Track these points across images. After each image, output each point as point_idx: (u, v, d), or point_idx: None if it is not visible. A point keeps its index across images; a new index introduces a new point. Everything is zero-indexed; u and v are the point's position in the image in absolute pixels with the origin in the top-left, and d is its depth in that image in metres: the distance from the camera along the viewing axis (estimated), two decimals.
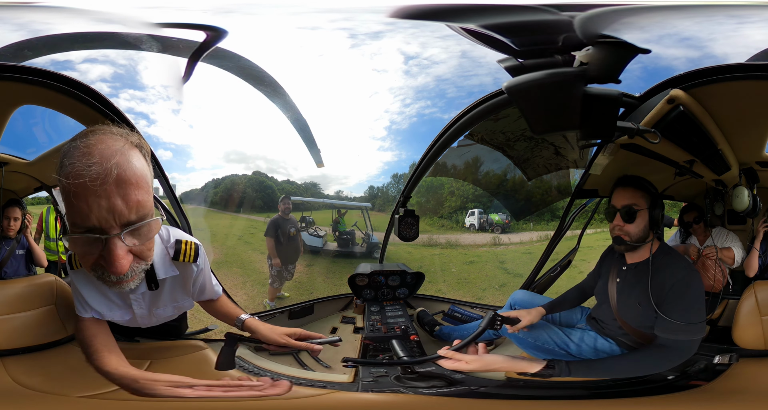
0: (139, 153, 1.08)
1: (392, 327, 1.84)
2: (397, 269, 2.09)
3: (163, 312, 1.40)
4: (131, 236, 1.05)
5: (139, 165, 1.05)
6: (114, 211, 1.01)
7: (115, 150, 1.02)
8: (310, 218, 2.23)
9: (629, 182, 1.46)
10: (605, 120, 1.25)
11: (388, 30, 1.50)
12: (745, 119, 1.35)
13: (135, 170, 1.03)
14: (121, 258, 1.04)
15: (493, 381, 1.44)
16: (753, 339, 1.48)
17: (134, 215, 1.03)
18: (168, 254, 1.32)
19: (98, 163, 0.99)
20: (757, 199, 1.56)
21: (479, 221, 2.19)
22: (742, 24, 1.40)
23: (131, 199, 1.02)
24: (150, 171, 1.11)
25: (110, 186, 1.00)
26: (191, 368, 1.49)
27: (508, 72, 1.30)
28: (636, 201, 1.43)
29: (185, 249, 1.32)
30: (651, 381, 1.41)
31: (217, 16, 1.51)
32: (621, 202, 1.44)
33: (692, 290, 1.36)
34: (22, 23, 1.43)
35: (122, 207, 1.01)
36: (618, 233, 1.45)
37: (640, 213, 1.42)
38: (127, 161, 1.03)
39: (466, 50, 1.47)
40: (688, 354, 1.36)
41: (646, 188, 1.45)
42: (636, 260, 1.47)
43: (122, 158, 1.02)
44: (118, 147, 1.04)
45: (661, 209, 1.45)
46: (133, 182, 1.02)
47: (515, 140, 1.77)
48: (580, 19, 1.29)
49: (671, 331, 1.35)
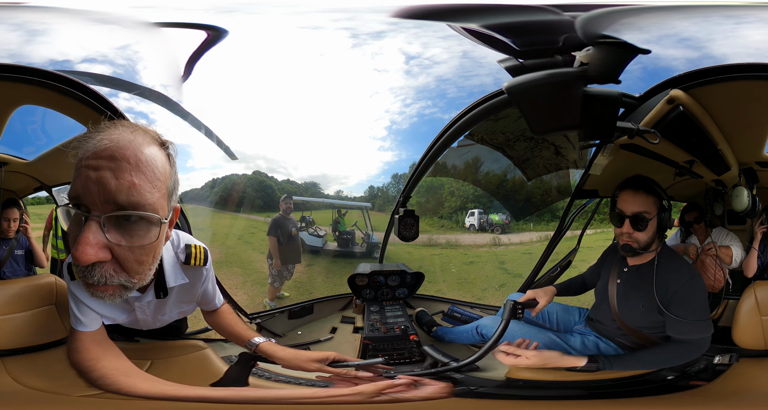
0: (157, 147, 1.01)
1: (392, 327, 1.84)
2: (397, 270, 2.08)
3: (168, 318, 1.37)
4: (115, 229, 0.93)
5: (148, 153, 0.97)
6: (100, 183, 0.91)
7: (122, 133, 0.97)
8: (310, 218, 2.23)
9: (640, 186, 1.39)
10: (605, 120, 1.25)
11: (391, 30, 1.50)
12: (744, 119, 1.35)
13: (139, 155, 0.95)
14: (87, 244, 0.90)
15: (492, 381, 1.44)
16: (753, 340, 1.48)
17: (124, 196, 0.91)
18: (179, 260, 1.26)
19: (101, 139, 0.94)
20: (757, 199, 1.56)
21: (479, 221, 2.19)
22: (738, 24, 1.40)
23: (124, 177, 0.92)
24: (168, 169, 1.03)
25: (104, 160, 0.91)
26: (192, 368, 1.48)
27: (508, 72, 1.30)
28: (647, 208, 1.37)
29: (195, 253, 1.27)
30: (651, 381, 1.41)
31: (218, 16, 1.51)
32: (631, 208, 1.38)
33: (697, 292, 1.36)
34: (19, 23, 1.42)
35: (110, 181, 0.90)
36: (627, 241, 1.39)
37: (651, 221, 1.37)
38: (133, 143, 0.95)
39: (467, 50, 1.47)
40: (705, 349, 1.36)
41: (657, 192, 1.39)
42: (637, 262, 1.45)
43: (126, 138, 0.95)
44: (127, 133, 0.97)
45: (669, 212, 1.40)
46: (133, 162, 0.93)
47: (515, 141, 1.77)
48: (581, 20, 1.30)
49: (685, 332, 1.35)
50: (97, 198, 0.91)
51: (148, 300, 1.27)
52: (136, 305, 1.28)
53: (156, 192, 0.97)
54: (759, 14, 1.41)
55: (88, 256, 0.91)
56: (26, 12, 1.45)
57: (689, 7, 1.44)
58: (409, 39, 1.51)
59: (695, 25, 1.40)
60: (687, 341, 1.35)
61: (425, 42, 1.51)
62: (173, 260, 1.25)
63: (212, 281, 1.40)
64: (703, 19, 1.42)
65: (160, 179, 0.99)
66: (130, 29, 1.48)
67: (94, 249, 0.91)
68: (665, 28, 1.38)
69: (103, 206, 0.91)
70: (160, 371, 1.40)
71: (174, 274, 1.25)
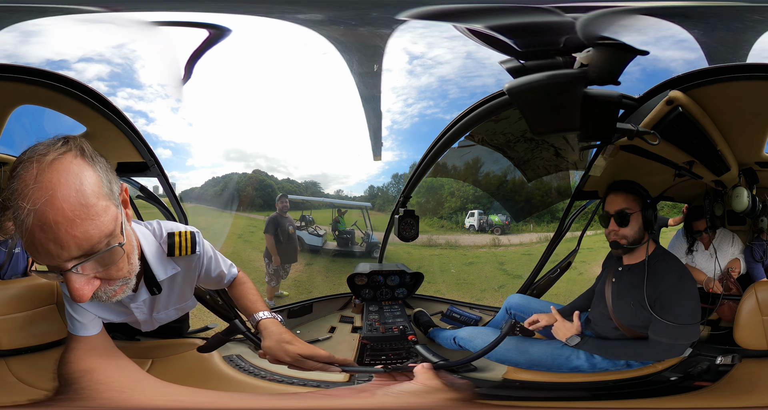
0: (71, 166, 0.93)
1: (390, 327, 1.84)
2: (396, 269, 2.08)
3: (165, 316, 1.34)
4: (89, 265, 0.96)
5: (73, 191, 0.91)
6: (51, 255, 0.91)
7: (29, 190, 0.89)
8: (310, 217, 2.23)
9: (620, 188, 1.50)
10: (605, 122, 1.25)
11: (398, 28, 1.49)
12: (744, 119, 1.36)
13: (66, 206, 0.89)
14: (80, 289, 0.95)
15: (488, 381, 1.44)
16: (754, 340, 1.48)
17: (76, 251, 0.92)
18: (164, 252, 1.22)
19: (28, 214, 0.87)
20: (757, 199, 1.56)
21: (479, 222, 2.19)
22: None
23: (64, 240, 0.90)
24: (96, 181, 0.96)
25: (37, 233, 0.89)
26: (192, 366, 1.49)
27: (509, 73, 1.30)
28: (628, 205, 1.47)
29: (179, 241, 1.21)
30: (654, 381, 1.42)
31: (219, 13, 1.50)
32: (614, 207, 1.49)
33: (684, 297, 1.40)
34: (12, 26, 1.41)
35: (58, 250, 0.91)
36: (614, 238, 1.50)
37: (634, 216, 1.47)
38: (49, 198, 0.88)
39: (471, 51, 1.47)
40: (675, 355, 1.43)
41: (636, 191, 1.49)
42: (632, 262, 1.51)
43: (40, 194, 0.88)
44: (31, 183, 0.89)
45: (653, 210, 1.48)
46: (68, 216, 0.89)
47: (515, 142, 1.77)
48: (582, 21, 1.29)
49: (663, 334, 1.39)
50: (56, 262, 0.93)
51: (143, 299, 1.25)
52: (132, 307, 1.25)
53: (100, 219, 0.94)
54: None
55: (85, 296, 0.97)
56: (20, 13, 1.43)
57: (683, 8, 1.43)
58: (414, 39, 1.51)
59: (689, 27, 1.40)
60: (660, 343, 1.40)
61: (431, 42, 1.51)
62: (158, 253, 1.21)
63: (214, 260, 1.34)
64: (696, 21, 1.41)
65: (97, 202, 0.94)
66: (129, 28, 1.48)
67: (86, 289, 0.97)
68: (661, 29, 1.38)
69: (65, 264, 0.94)
70: (161, 370, 1.40)
71: (162, 266, 1.22)
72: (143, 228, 1.23)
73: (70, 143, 0.99)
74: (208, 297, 1.66)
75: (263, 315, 1.31)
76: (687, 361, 1.44)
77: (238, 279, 1.45)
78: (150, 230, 1.23)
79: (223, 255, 1.40)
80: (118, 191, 1.03)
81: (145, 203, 1.70)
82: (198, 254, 1.26)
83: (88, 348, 1.22)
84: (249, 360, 1.53)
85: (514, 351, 1.54)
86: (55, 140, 0.99)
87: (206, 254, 1.31)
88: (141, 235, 1.19)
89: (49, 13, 1.39)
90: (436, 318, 2.03)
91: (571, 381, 1.41)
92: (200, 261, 1.29)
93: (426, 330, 1.93)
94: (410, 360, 1.69)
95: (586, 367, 1.48)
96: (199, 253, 1.26)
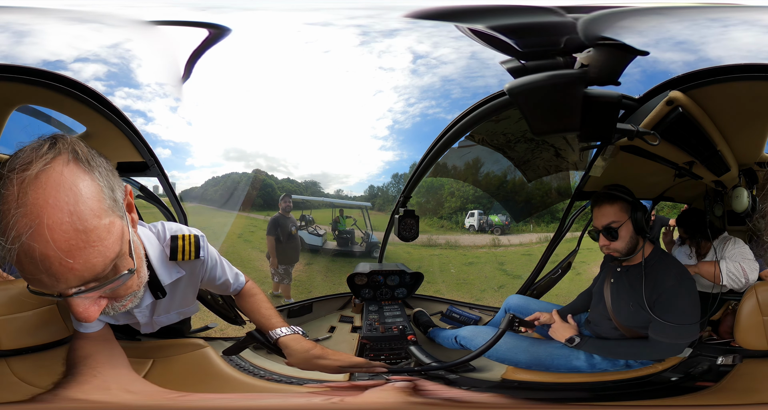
0: (62, 179, 0.77)
1: (390, 326, 1.84)
2: (396, 269, 2.09)
3: (167, 319, 1.30)
4: (93, 292, 0.84)
5: (57, 219, 0.75)
6: (46, 286, 0.79)
7: (10, 218, 0.74)
8: (310, 217, 2.23)
9: (603, 199, 1.46)
10: (605, 122, 1.25)
11: (406, 28, 1.48)
12: (744, 119, 1.35)
13: (51, 235, 0.74)
14: (84, 312, 0.84)
15: (487, 381, 1.44)
16: (755, 340, 1.48)
17: (77, 282, 0.80)
18: (167, 255, 1.16)
19: (14, 240, 0.74)
20: (757, 199, 1.56)
21: (479, 222, 2.19)
22: (726, 27, 1.40)
23: (60, 274, 0.77)
24: (97, 194, 0.81)
25: (26, 265, 0.76)
26: (193, 366, 1.48)
27: (510, 74, 1.30)
28: (614, 217, 1.43)
29: (182, 245, 1.14)
30: (654, 382, 1.42)
31: (220, 11, 1.50)
32: (600, 222, 1.46)
33: (683, 297, 1.39)
34: (2, 25, 1.40)
35: (53, 282, 0.78)
36: (607, 252, 1.48)
37: (622, 228, 1.44)
38: (36, 227, 0.73)
39: (475, 51, 1.47)
40: (674, 354, 1.42)
41: (620, 198, 1.45)
42: (630, 263, 1.50)
43: (23, 223, 0.73)
44: (12, 208, 0.74)
45: (642, 212, 1.45)
46: (52, 253, 0.75)
47: (516, 142, 1.77)
48: (583, 21, 1.29)
49: (664, 334, 1.39)
50: (57, 290, 0.81)
51: (147, 304, 1.21)
52: (135, 311, 1.21)
53: (103, 244, 0.80)
54: (741, 16, 1.40)
55: (92, 318, 0.86)
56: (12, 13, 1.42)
57: (680, 9, 1.43)
58: (420, 38, 1.50)
59: (687, 29, 1.40)
60: (660, 342, 1.40)
61: (436, 41, 1.50)
62: (162, 257, 1.15)
63: (219, 266, 1.28)
64: (693, 22, 1.41)
65: (98, 223, 0.79)
66: (127, 28, 1.47)
67: (92, 310, 0.86)
68: (661, 31, 1.37)
69: (66, 291, 0.81)
70: (162, 370, 1.40)
71: (167, 271, 1.15)
72: (147, 231, 1.18)
73: (58, 145, 0.81)
74: (209, 297, 1.66)
75: (281, 332, 1.28)
76: (688, 361, 1.44)
77: (248, 290, 1.39)
78: (154, 233, 1.18)
79: (229, 262, 1.37)
80: (122, 197, 0.89)
81: (145, 203, 1.70)
82: (202, 259, 1.19)
83: (89, 337, 1.21)
84: (249, 359, 1.53)
85: (514, 351, 1.54)
86: (41, 143, 0.81)
87: (211, 259, 1.26)
88: (145, 239, 1.13)
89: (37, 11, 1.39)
90: (435, 317, 2.04)
91: (570, 381, 1.41)
92: (204, 267, 1.23)
93: (426, 330, 1.93)
94: (404, 361, 1.69)
95: (586, 367, 1.48)
96: (203, 258, 1.20)
